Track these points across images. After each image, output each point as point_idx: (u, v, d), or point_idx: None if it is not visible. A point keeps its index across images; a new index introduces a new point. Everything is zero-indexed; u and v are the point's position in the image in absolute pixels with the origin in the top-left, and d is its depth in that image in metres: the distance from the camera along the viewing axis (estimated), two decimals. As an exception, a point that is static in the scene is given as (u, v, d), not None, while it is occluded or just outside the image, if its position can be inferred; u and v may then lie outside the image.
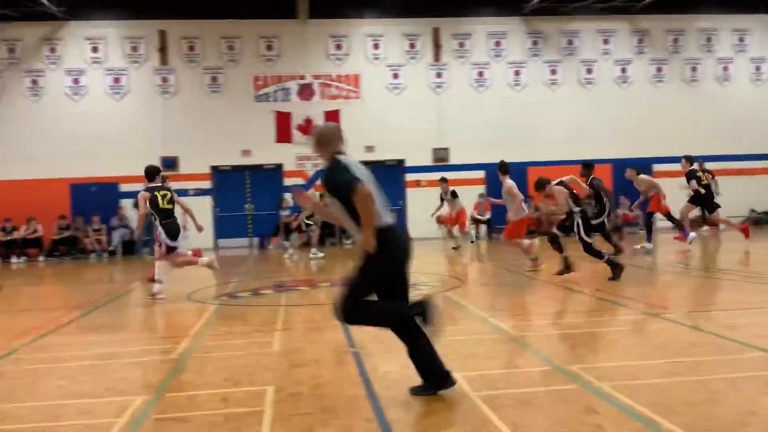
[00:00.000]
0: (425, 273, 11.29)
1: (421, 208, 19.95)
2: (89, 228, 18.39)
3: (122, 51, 19.16)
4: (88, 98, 19.03)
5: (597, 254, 9.41)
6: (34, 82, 18.91)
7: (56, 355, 6.04)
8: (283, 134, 19.81)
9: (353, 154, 17.66)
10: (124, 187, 18.80)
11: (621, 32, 21.00)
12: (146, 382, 4.90)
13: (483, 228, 19.18)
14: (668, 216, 14.34)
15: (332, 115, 19.84)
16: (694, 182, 13.50)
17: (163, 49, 19.22)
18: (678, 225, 14.22)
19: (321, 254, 15.23)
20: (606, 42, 20.91)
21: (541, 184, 10.31)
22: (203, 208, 19.52)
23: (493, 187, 16.12)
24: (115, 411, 4.19)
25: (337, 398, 4.32)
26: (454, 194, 16.23)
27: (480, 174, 19.81)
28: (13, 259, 17.53)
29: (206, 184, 19.64)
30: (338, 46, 20.06)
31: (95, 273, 14.80)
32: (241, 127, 19.51)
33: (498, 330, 6.44)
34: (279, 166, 19.75)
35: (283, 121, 19.80)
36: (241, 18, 19.47)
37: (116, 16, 19.12)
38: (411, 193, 20.38)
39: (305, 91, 19.85)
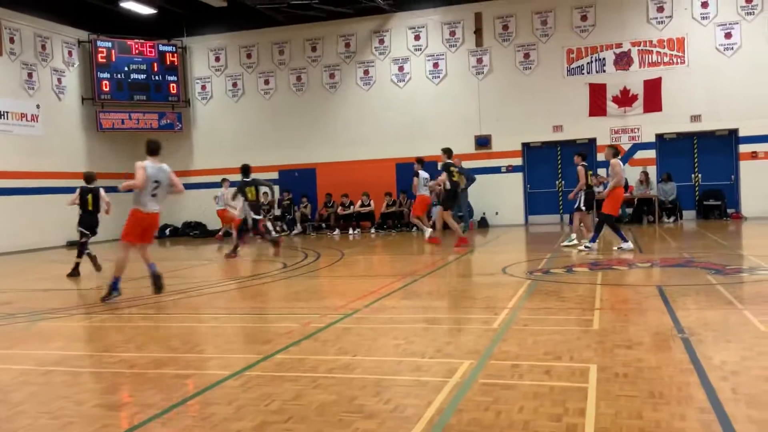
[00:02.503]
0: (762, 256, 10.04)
1: (757, 183, 17.82)
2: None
3: (441, 37, 20.26)
4: (411, 84, 20.56)
5: None
6: (366, 72, 21.02)
7: (391, 316, 6.72)
8: (597, 107, 19.11)
9: (676, 125, 16.59)
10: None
11: None
12: (471, 348, 5.20)
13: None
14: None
15: (653, 84, 18.58)
16: (444, 175, 13.08)
17: (478, 31, 19.86)
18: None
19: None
20: None
21: None
22: (514, 185, 19.90)
23: None
24: (445, 372, 4.53)
25: (665, 384, 4.10)
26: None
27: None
28: (350, 231, 19.86)
29: (517, 161, 19.90)
30: (660, 9, 18.62)
31: (417, 245, 16.02)
32: (552, 102, 19.34)
33: None
34: (592, 141, 19.15)
35: (597, 94, 19.10)
36: (554, -10, 19.21)
37: (436, 4, 20.26)
38: (745, 167, 18.20)
39: (622, 60, 18.85)
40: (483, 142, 19.94)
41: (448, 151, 13.99)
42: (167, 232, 22.06)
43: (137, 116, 21.79)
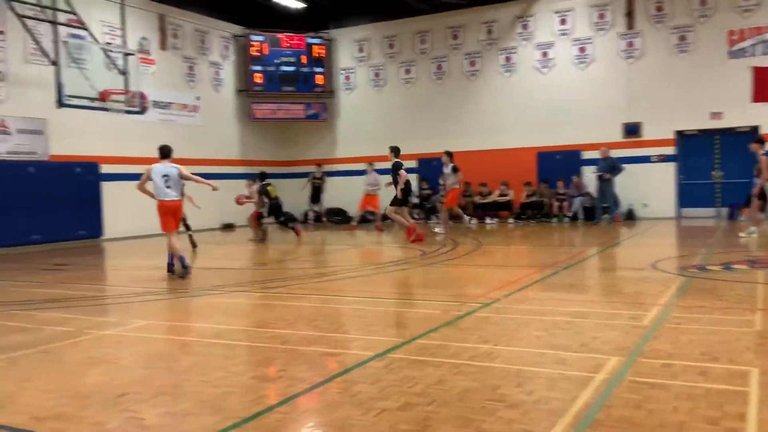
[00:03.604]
0: None
1: None
2: (553, 193, 19.43)
3: (589, 20, 19.47)
4: (555, 70, 19.94)
5: None
6: (507, 58, 20.65)
7: (532, 308, 6.61)
8: (763, 93, 17.56)
9: None
10: (586, 155, 19.29)
11: None
12: (618, 344, 5.01)
13: None
14: None
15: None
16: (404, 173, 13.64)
17: (629, 14, 18.87)
18: None
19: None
20: None
21: None
22: (666, 176, 18.81)
23: None
24: (590, 367, 4.41)
25: (842, 394, 3.75)
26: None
27: None
28: (487, 220, 19.69)
29: (670, 150, 18.77)
30: (841, -18, 16.77)
31: (558, 236, 15.62)
32: (711, 87, 18.01)
33: None
34: (755, 129, 17.64)
35: (762, 78, 17.54)
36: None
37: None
38: None
39: (792, 41, 17.19)
40: (632, 129, 18.97)
41: (396, 150, 14.05)
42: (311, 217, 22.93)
43: (286, 107, 22.83)
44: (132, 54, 15.59)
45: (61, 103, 13.82)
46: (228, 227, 20.95)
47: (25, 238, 15.23)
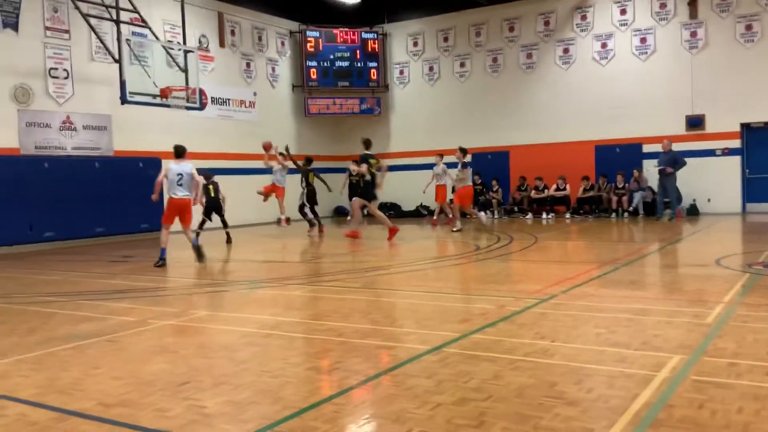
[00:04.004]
0: None
1: None
2: (612, 187, 18.99)
3: (650, 10, 18.94)
4: (615, 61, 19.49)
5: None
6: (565, 50, 20.28)
7: (591, 304, 6.49)
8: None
9: None
10: (647, 148, 18.80)
11: None
12: (681, 342, 4.88)
13: None
14: None
15: None
16: (365, 166, 13.46)
17: (692, 3, 18.27)
18: None
19: None
20: None
21: None
22: (730, 170, 18.20)
23: None
24: (652, 365, 4.31)
25: None
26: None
27: None
28: (543, 215, 19.41)
29: (735, 143, 18.13)
30: None
31: (617, 232, 15.27)
32: (781, 78, 17.29)
33: None
34: (828, 121, 16.91)
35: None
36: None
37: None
38: None
39: None
40: (695, 122, 18.39)
41: (367, 143, 14.06)
42: (365, 212, 22.99)
43: (340, 101, 23.00)
44: (192, 51, 15.93)
45: (124, 100, 14.24)
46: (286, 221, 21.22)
47: (90, 230, 15.80)
